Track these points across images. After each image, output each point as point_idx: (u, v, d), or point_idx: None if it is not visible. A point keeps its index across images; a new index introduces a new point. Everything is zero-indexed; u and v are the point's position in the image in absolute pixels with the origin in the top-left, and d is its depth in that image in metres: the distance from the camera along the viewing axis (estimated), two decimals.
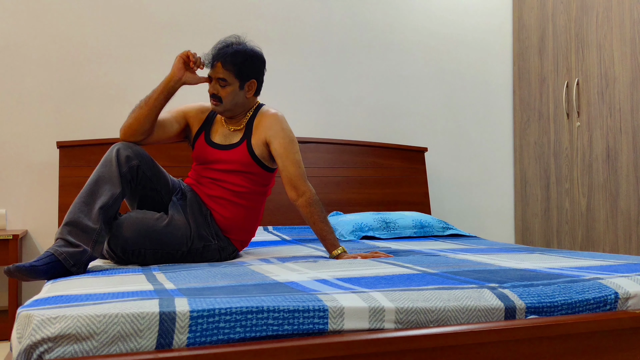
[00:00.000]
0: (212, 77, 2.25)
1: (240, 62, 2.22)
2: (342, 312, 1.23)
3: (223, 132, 2.33)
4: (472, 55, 4.11)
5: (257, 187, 2.30)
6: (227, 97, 2.24)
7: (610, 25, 3.39)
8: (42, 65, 3.25)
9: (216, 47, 2.27)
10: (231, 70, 2.22)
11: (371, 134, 3.84)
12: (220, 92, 2.24)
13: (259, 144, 2.27)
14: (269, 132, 2.26)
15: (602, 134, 3.44)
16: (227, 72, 2.22)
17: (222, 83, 2.23)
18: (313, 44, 3.74)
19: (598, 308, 1.45)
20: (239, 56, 2.23)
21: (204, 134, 2.34)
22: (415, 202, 3.71)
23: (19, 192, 3.18)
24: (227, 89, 2.24)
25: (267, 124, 2.28)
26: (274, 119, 2.28)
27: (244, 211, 2.28)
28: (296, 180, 2.22)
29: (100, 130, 3.32)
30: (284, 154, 2.23)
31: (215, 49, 2.26)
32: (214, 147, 2.29)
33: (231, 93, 2.24)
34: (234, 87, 2.24)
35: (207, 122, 2.37)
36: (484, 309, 1.35)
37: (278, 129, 2.26)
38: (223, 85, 2.23)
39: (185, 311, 1.15)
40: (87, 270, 1.86)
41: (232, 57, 2.21)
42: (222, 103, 2.24)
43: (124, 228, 2.00)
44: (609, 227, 3.39)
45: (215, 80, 2.24)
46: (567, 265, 1.85)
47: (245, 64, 2.24)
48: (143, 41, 3.42)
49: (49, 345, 1.07)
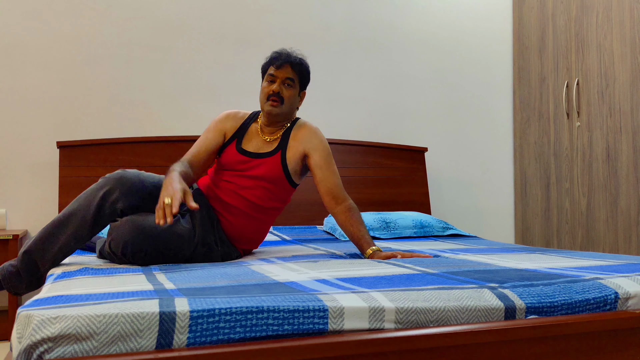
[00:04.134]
0: (277, 77, 2.26)
1: (304, 69, 2.30)
2: (342, 312, 1.23)
3: (257, 141, 2.32)
4: (472, 55, 4.11)
5: (275, 203, 2.30)
6: (289, 99, 2.27)
7: (610, 25, 3.39)
8: (42, 65, 3.25)
9: (280, 53, 2.29)
10: (298, 73, 2.28)
11: (371, 134, 3.84)
12: (284, 93, 2.26)
13: (295, 156, 2.28)
14: (308, 144, 2.28)
15: (602, 134, 3.43)
16: (295, 74, 2.27)
17: (289, 83, 2.26)
18: (313, 44, 3.74)
19: (598, 308, 1.45)
20: (305, 64, 2.31)
21: (235, 142, 2.32)
22: (415, 202, 3.71)
23: (19, 192, 3.18)
24: (291, 90, 2.28)
25: (307, 136, 2.30)
26: (313, 132, 2.31)
27: (255, 224, 2.28)
28: (337, 190, 2.25)
29: (100, 130, 3.33)
30: (325, 165, 2.26)
31: (281, 54, 2.28)
32: (245, 155, 2.28)
33: (293, 96, 2.28)
34: (296, 91, 2.30)
35: (240, 130, 2.35)
36: (484, 309, 1.35)
37: (317, 142, 2.29)
38: (289, 87, 2.27)
39: (185, 311, 1.15)
40: (88, 270, 1.86)
41: (300, 62, 2.28)
42: (282, 104, 2.26)
43: (125, 230, 1.96)
44: (609, 227, 3.39)
45: (281, 81, 2.25)
46: (567, 265, 1.85)
47: (307, 73, 2.32)
48: (143, 41, 3.42)
49: (49, 345, 1.07)
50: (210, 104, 3.52)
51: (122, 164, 3.19)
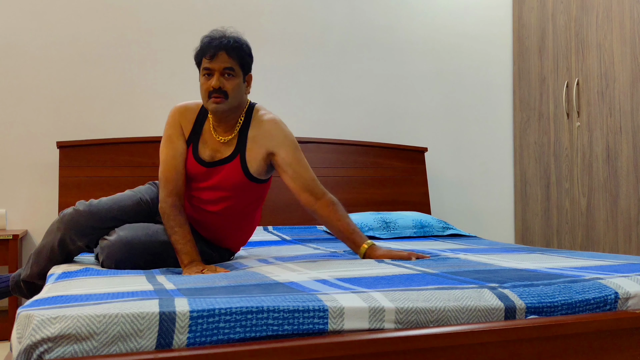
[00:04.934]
0: (214, 70, 1.95)
1: (243, 51, 1.98)
2: (342, 312, 1.23)
3: (212, 144, 2.06)
4: (472, 55, 4.11)
5: (249, 205, 2.13)
6: (234, 90, 1.97)
7: (610, 25, 3.39)
8: (42, 65, 3.25)
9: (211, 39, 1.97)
10: (236, 59, 1.96)
11: (371, 134, 3.84)
12: (226, 85, 1.95)
13: (257, 158, 2.04)
14: (271, 142, 2.03)
15: (602, 134, 3.43)
16: (234, 61, 1.96)
17: (229, 73, 1.96)
18: (313, 44, 3.74)
19: (598, 308, 1.45)
20: (242, 45, 1.98)
21: (192, 147, 2.06)
22: (415, 202, 3.71)
23: (19, 192, 3.18)
24: (234, 80, 1.97)
25: (268, 133, 2.03)
26: (274, 127, 2.04)
27: (236, 227, 2.15)
28: (313, 184, 2.02)
29: (100, 130, 3.33)
30: (294, 161, 2.01)
31: (212, 40, 1.96)
32: (202, 165, 2.04)
33: (237, 86, 1.98)
34: (239, 79, 1.99)
35: (194, 132, 2.08)
36: (484, 309, 1.34)
37: (281, 137, 2.03)
38: (230, 77, 1.96)
39: (185, 311, 1.15)
40: (88, 270, 1.86)
41: (236, 45, 1.95)
42: (227, 99, 1.96)
43: (114, 250, 1.93)
44: (609, 227, 3.39)
45: (219, 73, 1.95)
46: (567, 265, 1.85)
47: (247, 53, 2.00)
48: (143, 41, 3.42)
49: (49, 345, 1.07)
50: None
51: (122, 164, 3.19)
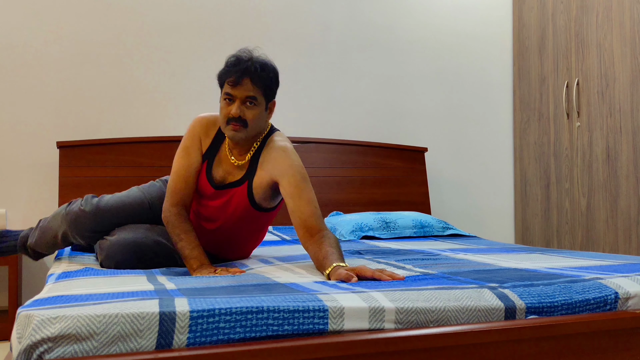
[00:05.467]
0: (235, 97, 1.88)
1: (269, 77, 1.90)
2: (342, 312, 1.23)
3: (226, 165, 2.01)
4: (472, 55, 4.11)
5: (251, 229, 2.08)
6: (254, 120, 1.90)
7: (610, 25, 3.39)
8: (42, 65, 3.25)
9: (236, 61, 1.88)
10: (260, 88, 1.89)
11: (371, 134, 3.84)
12: (246, 115, 1.88)
13: (262, 184, 1.96)
14: (275, 170, 1.92)
15: (602, 134, 3.43)
16: (257, 90, 1.88)
17: (252, 102, 1.88)
18: (313, 44, 3.74)
19: (598, 308, 1.45)
20: (269, 70, 1.90)
21: (206, 165, 2.02)
22: (415, 202, 3.71)
23: (19, 192, 3.18)
24: (255, 110, 1.90)
25: (273, 161, 1.94)
26: (281, 154, 1.94)
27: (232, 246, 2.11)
28: (311, 220, 1.83)
29: (100, 130, 3.33)
30: (296, 193, 1.86)
31: (238, 63, 1.87)
32: (213, 185, 2.00)
33: (258, 115, 1.91)
34: (261, 108, 1.92)
35: (212, 149, 2.02)
36: (484, 309, 1.34)
37: (286, 166, 1.91)
38: (251, 105, 1.89)
39: (185, 311, 1.15)
40: (88, 270, 1.86)
41: (262, 72, 1.87)
42: (246, 128, 1.89)
43: (113, 251, 1.94)
44: (609, 227, 3.39)
45: (240, 101, 1.88)
46: (567, 265, 1.85)
47: (273, 81, 1.93)
48: (143, 41, 3.42)
49: (49, 345, 1.07)
50: (210, 104, 3.52)
51: (122, 164, 3.19)
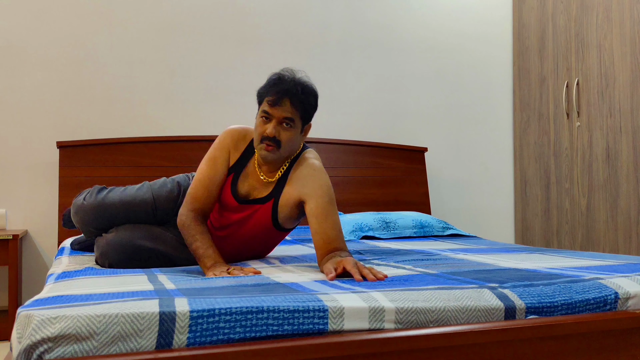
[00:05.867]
0: (272, 116, 1.84)
1: (309, 100, 1.87)
2: (342, 312, 1.23)
3: (253, 180, 1.97)
4: (472, 55, 4.11)
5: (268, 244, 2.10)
6: (288, 142, 1.87)
7: (610, 25, 3.39)
8: (42, 65, 3.25)
9: (278, 80, 1.86)
10: (299, 110, 1.86)
11: (371, 134, 3.84)
12: (281, 136, 1.85)
13: (289, 202, 1.93)
14: (304, 189, 1.89)
15: (602, 134, 3.43)
16: (295, 112, 1.85)
17: (288, 123, 1.85)
18: (313, 44, 3.74)
19: (598, 308, 1.45)
20: (310, 94, 1.88)
21: (232, 178, 1.98)
22: (415, 202, 3.71)
23: (19, 192, 3.18)
24: (291, 132, 1.86)
25: (303, 179, 1.90)
26: (311, 172, 1.90)
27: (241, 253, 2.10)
28: (334, 244, 1.81)
29: (100, 130, 3.32)
30: (322, 214, 1.83)
31: (279, 82, 1.85)
32: (237, 199, 1.96)
33: (293, 137, 1.88)
34: (297, 130, 1.88)
35: (240, 163, 1.99)
36: (483, 309, 1.34)
37: (316, 187, 1.87)
38: (287, 127, 1.86)
39: (185, 311, 1.15)
40: (88, 270, 1.86)
41: (302, 95, 1.85)
42: (279, 149, 1.86)
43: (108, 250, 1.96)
44: (609, 227, 3.39)
45: (277, 121, 1.84)
46: (567, 265, 1.85)
47: (313, 104, 1.90)
48: (143, 41, 3.42)
49: (49, 345, 1.07)
50: (210, 104, 3.52)
51: (122, 164, 3.19)
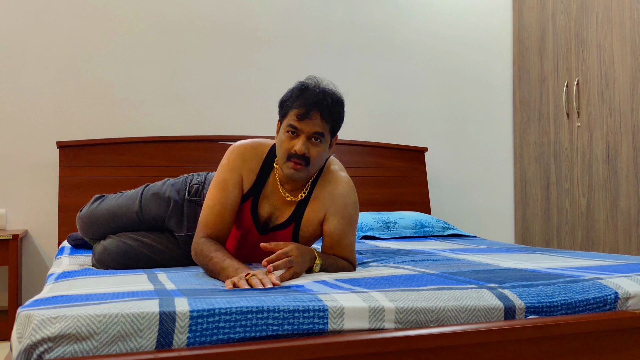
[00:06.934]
0: (301, 131, 1.70)
1: (339, 113, 1.75)
2: (342, 312, 1.23)
3: (274, 200, 1.82)
4: (472, 55, 4.11)
5: None
6: (317, 158, 1.73)
7: (610, 25, 3.39)
8: (42, 65, 3.25)
9: (305, 89, 1.72)
10: (329, 124, 1.72)
11: (371, 134, 3.84)
12: (311, 152, 1.71)
13: (315, 221, 1.81)
14: (331, 207, 1.79)
15: (602, 134, 3.43)
16: (326, 126, 1.72)
17: (317, 138, 1.71)
18: (313, 44, 3.74)
19: (598, 308, 1.45)
20: (340, 105, 1.75)
21: (251, 201, 1.82)
22: (415, 202, 3.71)
23: (19, 192, 3.18)
24: (320, 147, 1.72)
25: (330, 196, 1.80)
26: (340, 190, 1.80)
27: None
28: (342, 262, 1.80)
29: (100, 130, 3.32)
30: (338, 236, 1.78)
31: (307, 92, 1.71)
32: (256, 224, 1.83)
33: (322, 153, 1.74)
34: (326, 144, 1.75)
35: (258, 183, 1.82)
36: (483, 308, 1.35)
37: (340, 206, 1.79)
38: (316, 141, 1.71)
39: (185, 311, 1.15)
40: (88, 270, 1.86)
41: (333, 107, 1.71)
42: (308, 166, 1.72)
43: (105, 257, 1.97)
44: (609, 227, 3.39)
45: (306, 136, 1.70)
46: (567, 265, 1.85)
47: (342, 116, 1.77)
48: (143, 41, 3.42)
49: (49, 345, 1.07)
50: (210, 104, 3.52)
51: (122, 164, 3.19)
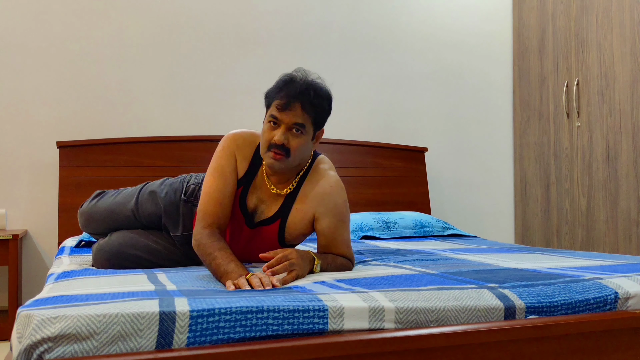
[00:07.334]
0: (281, 122, 1.70)
1: (322, 105, 1.73)
2: (342, 312, 1.23)
3: (262, 193, 1.84)
4: (472, 55, 4.11)
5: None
6: (298, 149, 1.73)
7: (610, 25, 3.39)
8: (42, 65, 3.25)
9: (289, 81, 1.72)
10: (311, 115, 1.72)
11: (371, 134, 3.84)
12: (290, 143, 1.71)
13: (303, 220, 1.82)
14: (320, 207, 1.79)
15: (602, 134, 3.43)
16: (307, 117, 1.71)
17: (299, 129, 1.71)
18: (313, 44, 3.74)
19: (598, 308, 1.45)
20: (323, 98, 1.74)
21: (241, 190, 1.83)
22: (415, 202, 3.71)
23: (19, 192, 3.18)
24: (301, 138, 1.73)
25: (319, 197, 1.80)
26: (328, 190, 1.80)
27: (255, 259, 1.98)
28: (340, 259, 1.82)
29: (100, 130, 3.32)
30: (331, 234, 1.79)
31: (290, 84, 1.71)
32: (244, 215, 1.84)
33: (303, 145, 1.74)
34: (308, 137, 1.75)
35: (249, 172, 1.84)
36: (483, 308, 1.35)
37: (331, 205, 1.79)
38: (297, 133, 1.72)
39: (185, 311, 1.15)
40: (88, 270, 1.86)
41: (315, 99, 1.71)
42: (288, 157, 1.72)
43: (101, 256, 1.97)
44: (609, 227, 3.39)
45: (286, 127, 1.70)
46: (567, 265, 1.85)
47: (326, 109, 1.76)
48: (143, 41, 3.42)
49: (49, 345, 1.07)
50: (210, 104, 3.52)
51: (122, 163, 3.19)
